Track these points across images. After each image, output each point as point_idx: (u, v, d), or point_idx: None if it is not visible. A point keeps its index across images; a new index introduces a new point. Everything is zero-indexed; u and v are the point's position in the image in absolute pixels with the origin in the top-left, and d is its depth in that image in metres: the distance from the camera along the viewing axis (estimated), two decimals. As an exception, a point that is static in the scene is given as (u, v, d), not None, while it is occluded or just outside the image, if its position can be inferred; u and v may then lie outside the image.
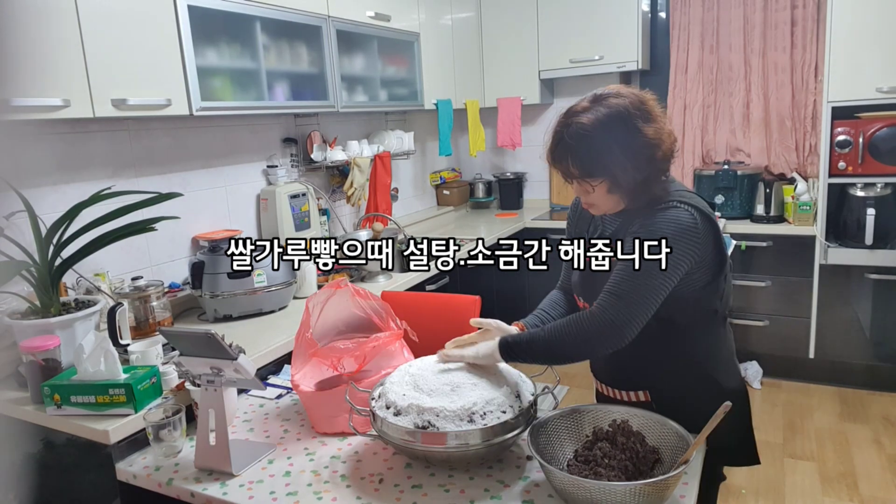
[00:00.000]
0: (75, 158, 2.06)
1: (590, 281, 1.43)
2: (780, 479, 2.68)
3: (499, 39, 4.04)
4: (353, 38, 2.81)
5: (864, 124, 3.07)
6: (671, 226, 1.28)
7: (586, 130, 1.28)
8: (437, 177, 4.24)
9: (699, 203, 1.33)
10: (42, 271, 1.63)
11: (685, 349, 1.41)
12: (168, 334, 1.41)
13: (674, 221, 1.29)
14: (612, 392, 1.53)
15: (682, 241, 1.27)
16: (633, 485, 1.08)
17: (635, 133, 1.28)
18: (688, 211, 1.30)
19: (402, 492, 1.27)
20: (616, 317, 1.26)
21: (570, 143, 1.30)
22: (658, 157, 1.31)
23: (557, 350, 1.32)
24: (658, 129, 1.31)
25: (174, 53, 1.97)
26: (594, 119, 1.28)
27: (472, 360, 1.37)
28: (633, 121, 1.29)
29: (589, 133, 1.28)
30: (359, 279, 2.71)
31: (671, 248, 1.26)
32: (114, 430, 1.47)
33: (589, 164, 1.30)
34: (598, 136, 1.28)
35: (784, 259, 3.37)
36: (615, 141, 1.28)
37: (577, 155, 1.30)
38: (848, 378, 3.43)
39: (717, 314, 1.42)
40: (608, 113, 1.29)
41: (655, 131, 1.30)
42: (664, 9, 3.97)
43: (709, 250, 1.32)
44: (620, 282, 1.28)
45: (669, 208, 1.31)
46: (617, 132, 1.28)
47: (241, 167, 2.69)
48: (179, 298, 2.32)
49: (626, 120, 1.28)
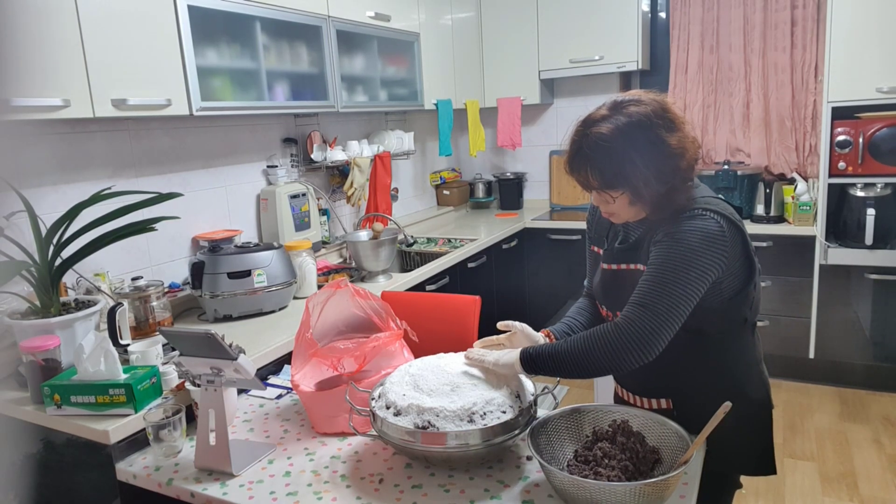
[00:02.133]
0: (75, 158, 2.06)
1: (612, 289, 1.40)
2: (780, 479, 2.68)
3: (499, 39, 4.04)
4: (353, 38, 2.81)
5: (864, 124, 3.07)
6: (697, 235, 1.23)
7: (605, 141, 1.24)
8: (437, 177, 4.24)
9: (726, 209, 1.29)
10: (42, 271, 1.63)
11: (713, 359, 1.37)
12: (168, 334, 1.41)
13: (700, 230, 1.24)
14: (632, 398, 1.48)
15: (710, 250, 1.23)
16: (633, 485, 1.08)
17: (658, 143, 1.24)
18: (714, 219, 1.25)
19: (402, 492, 1.27)
20: (643, 329, 1.21)
21: (588, 154, 1.26)
22: (682, 167, 1.26)
23: (583, 364, 1.26)
24: (681, 138, 1.26)
25: (174, 53, 1.97)
26: (614, 128, 1.24)
27: (491, 366, 1.34)
28: (656, 130, 1.24)
29: (609, 143, 1.24)
30: (359, 279, 2.71)
31: (698, 257, 1.22)
32: (114, 430, 1.47)
33: (609, 175, 1.26)
34: (619, 147, 1.23)
35: (784, 259, 3.37)
36: (636, 151, 1.23)
37: (597, 166, 1.26)
38: (848, 378, 3.43)
39: (746, 322, 1.37)
40: (629, 122, 1.24)
41: (679, 140, 1.26)
42: (664, 9, 3.97)
43: (737, 258, 1.28)
44: (647, 293, 1.23)
45: (695, 217, 1.26)
46: (638, 142, 1.23)
47: (241, 167, 2.69)
48: (179, 298, 2.32)
49: (647, 129, 1.24)
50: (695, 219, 1.26)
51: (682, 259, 1.22)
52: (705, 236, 1.24)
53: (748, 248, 1.31)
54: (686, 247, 1.23)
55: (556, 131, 4.33)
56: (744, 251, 1.30)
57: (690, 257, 1.22)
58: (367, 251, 2.66)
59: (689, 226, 1.25)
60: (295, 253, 2.43)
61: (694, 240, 1.23)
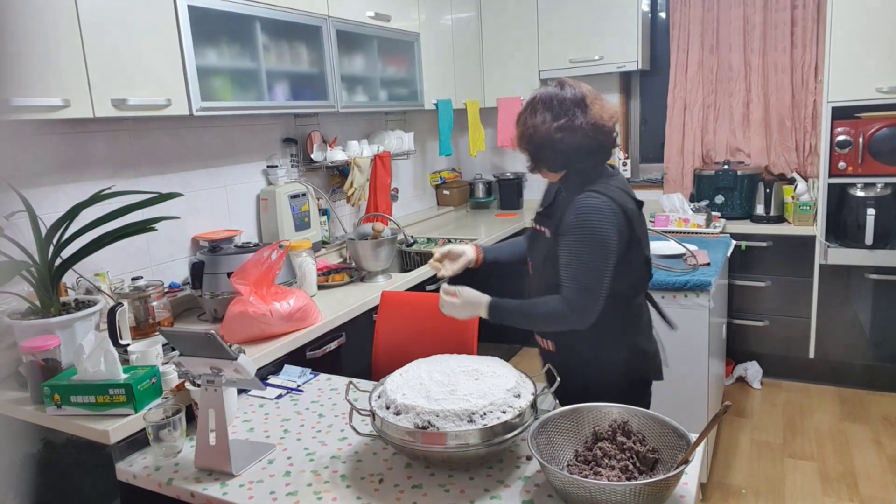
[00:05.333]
0: (75, 158, 2.06)
1: (531, 243, 1.75)
2: (780, 479, 2.68)
3: (499, 39, 4.04)
4: (353, 38, 2.81)
5: (864, 124, 3.07)
6: (590, 211, 1.49)
7: (530, 119, 1.56)
8: (437, 177, 4.24)
9: (615, 193, 1.52)
10: (42, 271, 1.63)
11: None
12: (168, 334, 1.41)
13: (591, 207, 1.49)
14: (534, 335, 1.77)
15: (603, 221, 1.48)
16: (633, 485, 1.08)
17: (567, 127, 1.52)
18: (598, 198, 1.50)
19: (402, 492, 1.27)
20: (581, 305, 1.50)
21: (521, 129, 1.60)
22: (585, 149, 1.54)
23: (534, 323, 1.60)
24: (586, 125, 1.53)
25: (174, 53, 1.97)
26: (538, 109, 1.56)
27: (460, 299, 1.60)
28: (569, 115, 1.53)
29: (533, 121, 1.56)
30: (359, 279, 2.71)
31: (599, 231, 1.48)
32: (114, 430, 1.47)
33: (533, 156, 1.61)
34: (539, 125, 1.54)
35: (784, 259, 3.37)
36: (550, 129, 1.53)
37: (524, 139, 1.60)
38: (848, 378, 3.43)
39: (622, 296, 1.59)
40: (550, 105, 1.55)
41: (584, 126, 1.53)
42: (664, 9, 3.97)
43: (624, 233, 1.51)
44: (576, 275, 1.50)
45: (590, 198, 1.50)
46: (551, 121, 1.53)
47: (241, 167, 2.69)
48: (179, 298, 2.32)
49: (561, 113, 1.53)
50: (588, 199, 1.50)
51: (591, 239, 1.48)
52: (595, 210, 1.49)
53: (633, 230, 1.54)
54: (589, 227, 1.48)
55: (556, 131, 4.32)
56: (629, 232, 1.53)
57: (595, 234, 1.48)
58: (367, 251, 2.66)
59: (584, 205, 1.50)
60: (295, 253, 2.43)
61: (593, 218, 1.48)
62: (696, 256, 2.63)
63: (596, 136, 1.54)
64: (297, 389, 1.81)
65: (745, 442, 2.98)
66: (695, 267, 2.54)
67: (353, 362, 2.33)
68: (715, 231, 3.35)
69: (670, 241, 2.83)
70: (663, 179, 4.02)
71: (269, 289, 1.99)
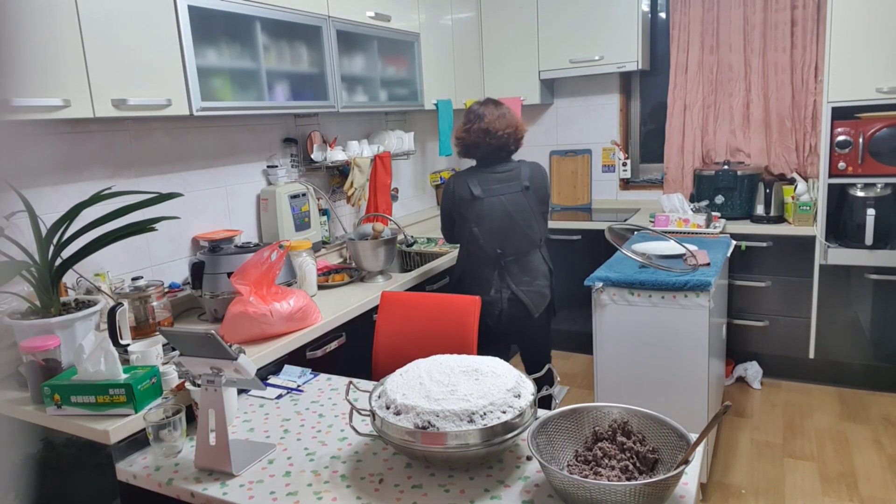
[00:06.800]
0: (75, 158, 2.06)
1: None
2: (780, 479, 2.68)
3: (499, 39, 4.04)
4: (353, 39, 2.81)
5: (864, 124, 3.07)
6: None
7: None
8: (437, 177, 4.23)
9: (457, 179, 2.54)
10: (42, 271, 1.63)
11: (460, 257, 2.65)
12: (168, 334, 1.41)
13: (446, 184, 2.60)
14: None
15: (444, 196, 2.60)
16: (633, 485, 1.08)
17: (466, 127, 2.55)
18: (446, 181, 2.59)
19: (402, 492, 1.27)
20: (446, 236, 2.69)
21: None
22: (463, 144, 2.56)
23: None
24: (471, 130, 2.52)
25: (174, 53, 1.98)
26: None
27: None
28: (471, 119, 2.53)
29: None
30: (359, 279, 2.71)
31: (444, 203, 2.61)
32: (114, 430, 1.47)
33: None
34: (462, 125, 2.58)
35: (784, 259, 3.37)
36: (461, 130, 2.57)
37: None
38: (848, 378, 3.43)
39: (462, 247, 2.59)
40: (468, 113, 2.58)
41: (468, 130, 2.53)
42: (664, 9, 3.97)
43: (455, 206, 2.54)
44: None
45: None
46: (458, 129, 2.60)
47: (241, 167, 2.69)
48: (179, 298, 2.32)
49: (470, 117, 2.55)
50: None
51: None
52: (444, 190, 2.59)
53: (460, 206, 2.52)
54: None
55: (557, 131, 4.33)
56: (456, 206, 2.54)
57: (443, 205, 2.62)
58: (367, 251, 2.66)
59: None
60: (295, 253, 2.43)
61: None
62: (696, 256, 2.63)
63: (484, 138, 2.48)
64: (297, 389, 1.81)
65: (745, 442, 2.98)
66: (695, 267, 2.54)
67: (353, 362, 2.33)
68: (715, 231, 3.35)
69: (670, 241, 2.83)
70: (663, 179, 4.02)
71: (270, 289, 1.99)
